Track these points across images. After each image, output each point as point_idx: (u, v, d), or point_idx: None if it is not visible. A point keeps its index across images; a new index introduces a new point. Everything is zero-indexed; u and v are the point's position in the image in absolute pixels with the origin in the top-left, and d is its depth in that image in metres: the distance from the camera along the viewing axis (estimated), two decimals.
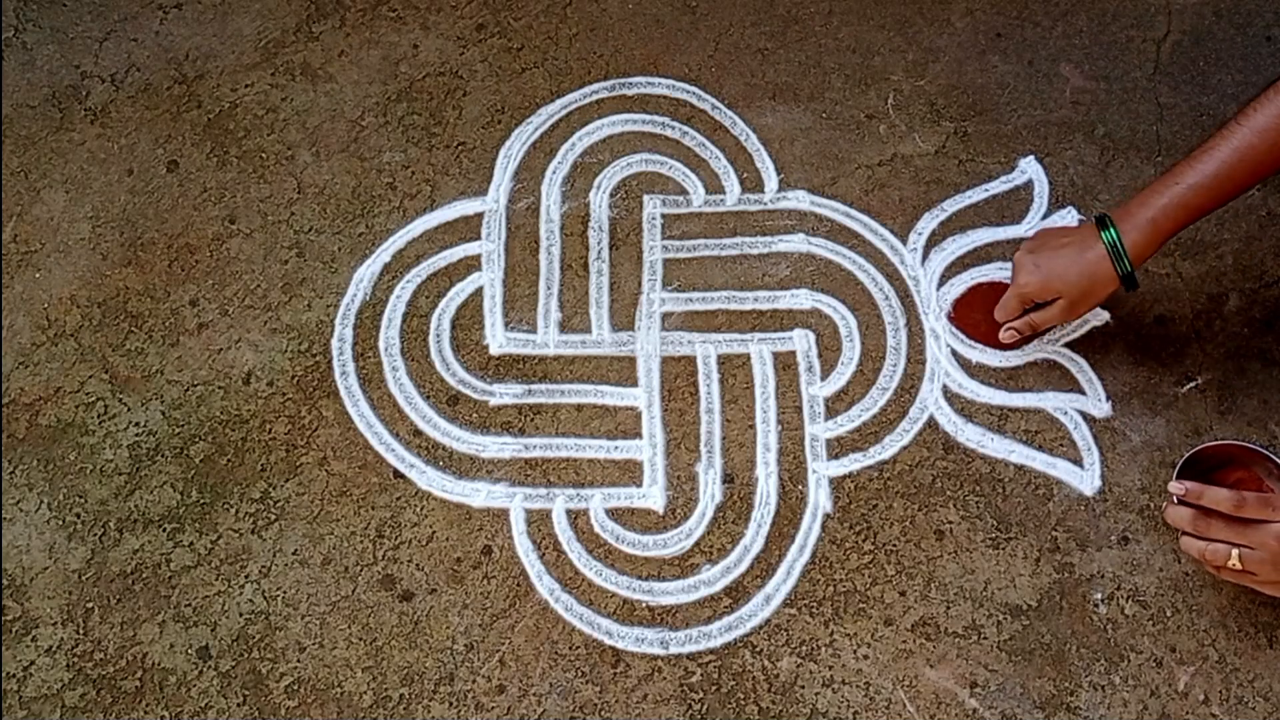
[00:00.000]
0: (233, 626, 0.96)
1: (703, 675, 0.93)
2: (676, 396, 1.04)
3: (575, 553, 0.98)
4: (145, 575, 0.99)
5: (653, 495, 1.00)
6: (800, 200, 1.13)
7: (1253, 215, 1.09)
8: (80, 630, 0.97)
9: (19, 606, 0.98)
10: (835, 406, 1.03)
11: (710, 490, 1.00)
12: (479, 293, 1.10)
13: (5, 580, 0.99)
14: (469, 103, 1.20)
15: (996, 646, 0.93)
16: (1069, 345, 1.04)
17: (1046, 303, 0.97)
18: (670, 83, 1.20)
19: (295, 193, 1.16)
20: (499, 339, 1.07)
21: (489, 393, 1.05)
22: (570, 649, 0.94)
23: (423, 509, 1.00)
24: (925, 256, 1.10)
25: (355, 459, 1.02)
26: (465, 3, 1.26)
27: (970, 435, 1.01)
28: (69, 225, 1.15)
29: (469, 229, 1.13)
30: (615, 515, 0.99)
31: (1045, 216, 1.10)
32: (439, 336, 1.08)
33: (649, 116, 1.18)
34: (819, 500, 0.99)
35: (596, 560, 0.97)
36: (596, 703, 0.92)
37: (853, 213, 1.12)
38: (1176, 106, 1.16)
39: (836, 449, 1.01)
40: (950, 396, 1.03)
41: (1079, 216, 1.09)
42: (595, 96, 1.20)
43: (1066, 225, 0.97)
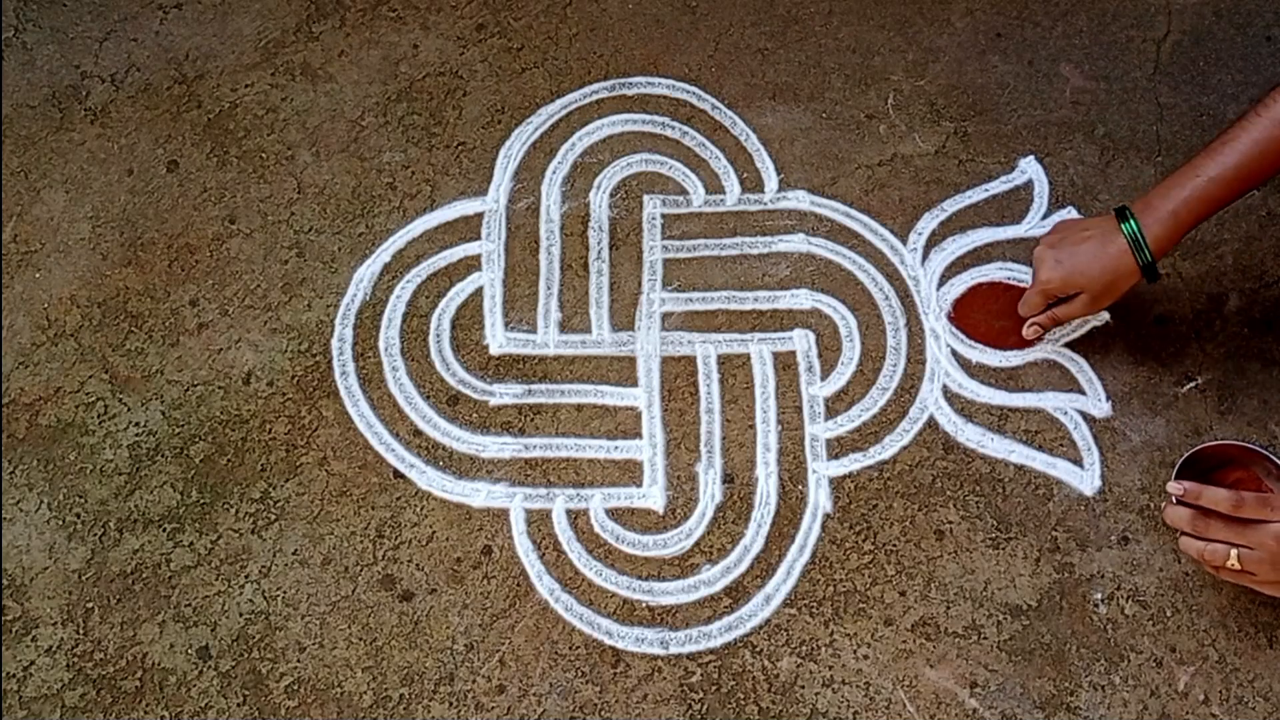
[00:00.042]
0: (233, 626, 0.96)
1: (703, 675, 0.93)
2: (676, 396, 1.04)
3: (575, 553, 0.98)
4: (145, 575, 0.99)
5: (653, 495, 1.00)
6: (800, 200, 1.13)
7: (1253, 215, 1.09)
8: (80, 630, 0.97)
9: (19, 606, 0.98)
10: (835, 406, 1.03)
11: (710, 490, 1.00)
12: (479, 293, 1.10)
13: (5, 580, 0.99)
14: (469, 103, 1.20)
15: (996, 646, 0.93)
16: (1069, 345, 1.04)
17: (1068, 297, 0.97)
18: (670, 83, 1.20)
19: (295, 193, 1.16)
20: (499, 339, 1.07)
21: (489, 393, 1.05)
22: (570, 649, 0.94)
23: (423, 509, 1.00)
24: (925, 256, 1.10)
25: (355, 459, 1.03)
26: (465, 3, 1.26)
27: (970, 435, 1.01)
28: (69, 225, 1.15)
29: (469, 229, 1.13)
30: (615, 515, 0.99)
31: (1045, 216, 1.10)
32: (439, 336, 1.08)
33: (649, 116, 1.18)
34: (819, 500, 0.99)
35: (596, 560, 0.97)
36: (596, 703, 0.92)
37: (853, 213, 1.12)
38: (1176, 106, 1.16)
39: (836, 449, 1.01)
40: (950, 396, 1.03)
41: (1079, 216, 1.09)
42: (595, 96, 1.20)
43: (1085, 218, 0.97)
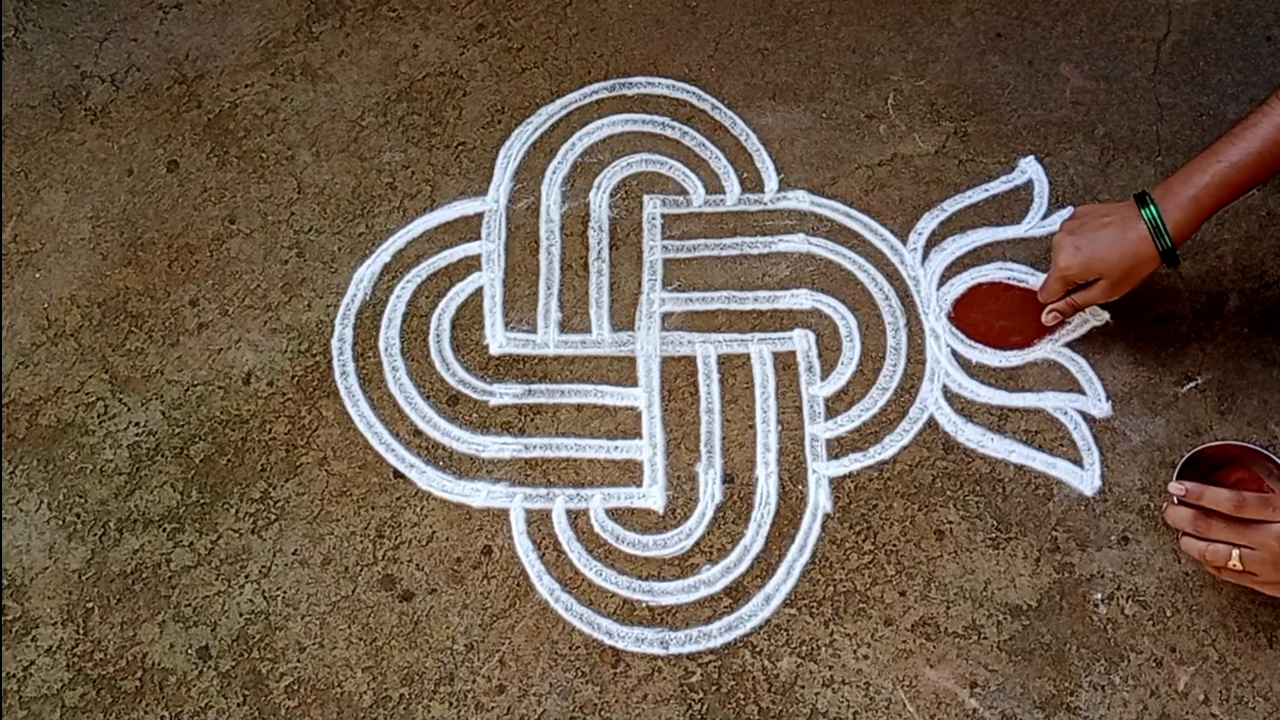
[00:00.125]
0: (233, 626, 0.96)
1: (703, 675, 0.93)
2: (676, 396, 1.04)
3: (575, 553, 0.98)
4: (145, 575, 0.99)
5: (653, 495, 1.00)
6: (800, 200, 1.13)
7: (1253, 215, 1.09)
8: (80, 630, 0.97)
9: (19, 606, 0.98)
10: (835, 406, 1.03)
11: (710, 490, 1.00)
12: (479, 293, 1.10)
13: (5, 580, 0.99)
14: (469, 103, 1.20)
15: (996, 646, 0.93)
16: (1069, 345, 1.04)
17: (1088, 283, 0.97)
18: (670, 83, 1.20)
19: (295, 193, 1.16)
20: (499, 339, 1.07)
21: (489, 393, 1.05)
22: (570, 649, 0.94)
23: (423, 509, 1.00)
24: (925, 256, 1.09)
25: (355, 459, 1.02)
26: (465, 3, 1.26)
27: (970, 435, 1.01)
28: (69, 225, 1.15)
29: (469, 229, 1.13)
30: (615, 515, 0.99)
31: (1045, 216, 1.10)
32: (439, 336, 1.08)
33: (649, 116, 1.18)
34: (819, 500, 0.99)
35: (596, 560, 0.97)
36: (596, 703, 0.92)
37: (853, 213, 1.12)
38: (1176, 106, 1.16)
39: (836, 449, 1.01)
40: (950, 396, 1.03)
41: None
42: (595, 96, 1.20)
43: (1105, 204, 0.97)
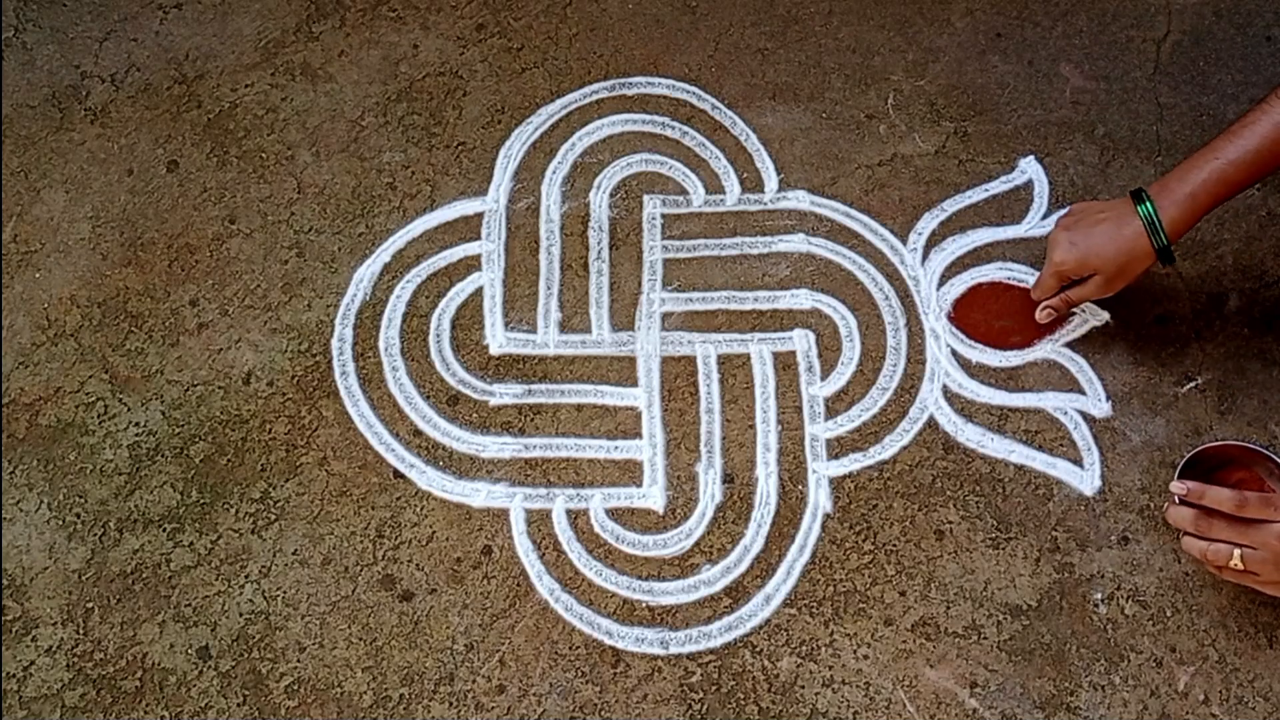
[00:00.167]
0: (233, 626, 0.96)
1: (703, 675, 0.93)
2: (676, 396, 1.04)
3: (575, 553, 0.98)
4: (145, 575, 0.99)
5: (653, 495, 1.00)
6: (800, 200, 1.13)
7: (1253, 215, 1.09)
8: (80, 630, 0.97)
9: (19, 606, 0.98)
10: (835, 406, 1.03)
11: (710, 490, 1.00)
12: (479, 293, 1.10)
13: (5, 580, 0.99)
14: (469, 103, 1.20)
15: (996, 646, 0.93)
16: (1069, 345, 1.04)
17: (1082, 279, 0.97)
18: (670, 83, 1.20)
19: (295, 193, 1.16)
20: (499, 339, 1.07)
21: (489, 393, 1.05)
22: (570, 649, 0.94)
23: (423, 509, 1.00)
24: (925, 256, 1.09)
25: (355, 459, 1.02)
26: (465, 3, 1.26)
27: (970, 435, 1.01)
28: (69, 225, 1.15)
29: (469, 229, 1.13)
30: (615, 515, 0.99)
31: (1045, 216, 1.10)
32: (439, 336, 1.08)
33: (649, 116, 1.18)
34: (819, 500, 0.99)
35: (596, 560, 0.97)
36: (596, 703, 0.92)
37: (853, 213, 1.12)
38: (1176, 106, 1.16)
39: (836, 449, 1.01)
40: (950, 396, 1.03)
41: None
42: (595, 96, 1.20)
43: (1100, 200, 0.97)
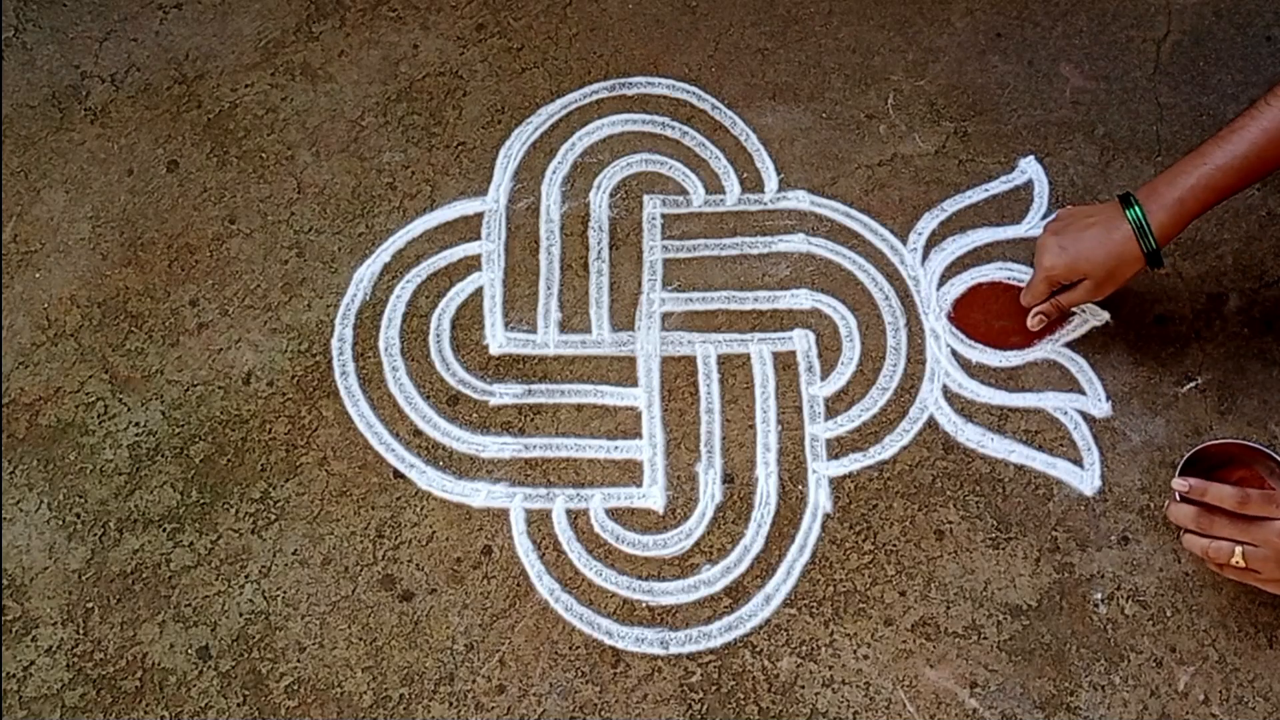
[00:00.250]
0: (233, 626, 0.96)
1: (703, 675, 0.93)
2: (676, 396, 1.04)
3: (575, 553, 0.98)
4: (145, 575, 0.99)
5: (653, 495, 1.00)
6: (800, 200, 1.13)
7: (1253, 215, 1.09)
8: (80, 630, 0.97)
9: (19, 606, 0.98)
10: (835, 406, 1.03)
11: (710, 490, 1.00)
12: (479, 293, 1.10)
13: (5, 580, 0.99)
14: (469, 103, 1.20)
15: (996, 646, 0.93)
16: (1069, 345, 1.04)
17: (1072, 284, 0.97)
18: (670, 83, 1.20)
19: (295, 193, 1.16)
20: (499, 339, 1.07)
21: (489, 393, 1.05)
22: (570, 649, 0.94)
23: (423, 509, 1.00)
24: (925, 256, 1.09)
25: (355, 459, 1.02)
26: (465, 3, 1.26)
27: (970, 435, 1.01)
28: (69, 225, 1.15)
29: (469, 229, 1.13)
30: (615, 515, 0.99)
31: (1045, 216, 1.10)
32: (439, 336, 1.08)
33: (649, 116, 1.18)
34: (819, 500, 0.99)
35: (596, 560, 0.97)
36: (596, 703, 0.92)
37: (853, 213, 1.12)
38: (1176, 106, 1.16)
39: (836, 449, 1.01)
40: (950, 396, 1.03)
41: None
42: (595, 96, 1.20)
43: (1089, 205, 0.97)
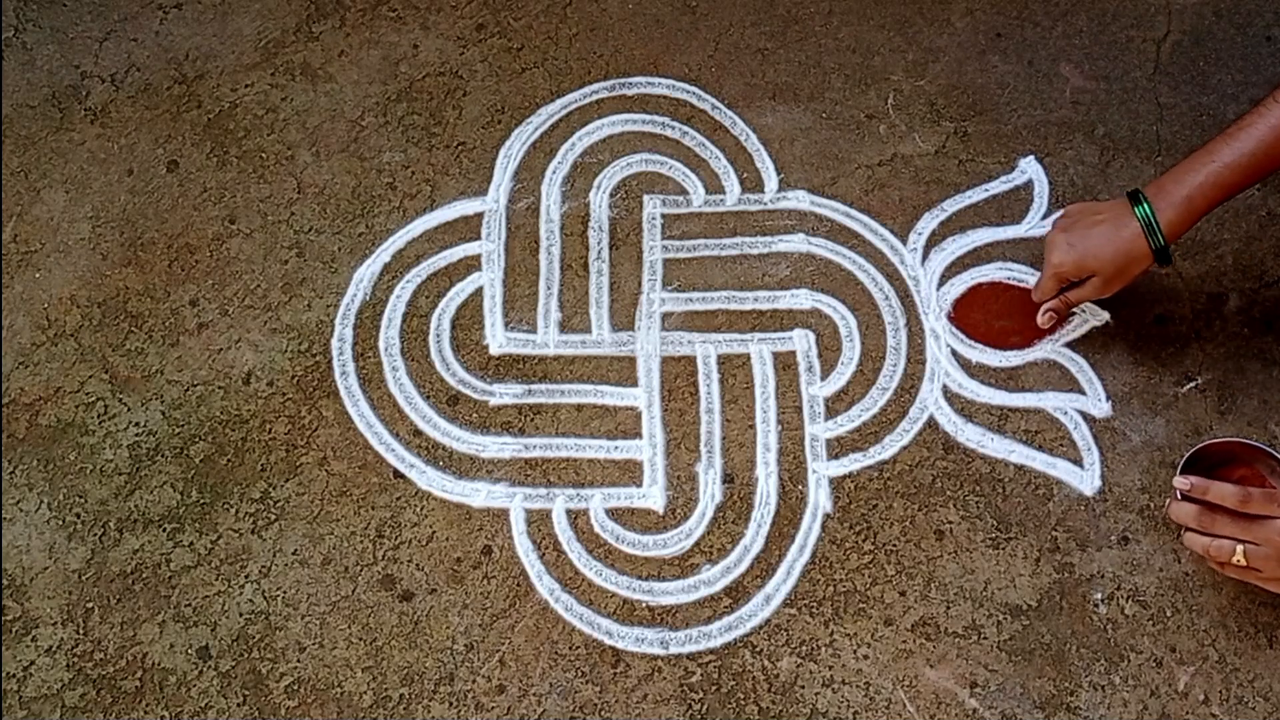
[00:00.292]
0: (233, 626, 0.96)
1: (703, 675, 0.93)
2: (676, 396, 1.04)
3: (575, 553, 0.98)
4: (145, 575, 0.99)
5: (653, 495, 1.00)
6: (800, 200, 1.13)
7: (1253, 215, 1.09)
8: (80, 630, 0.97)
9: (19, 606, 0.98)
10: (835, 406, 1.03)
11: (710, 490, 1.00)
12: (479, 293, 1.10)
13: (5, 580, 0.99)
14: (469, 103, 1.20)
15: (996, 646, 0.93)
16: (1069, 345, 1.04)
17: (1080, 281, 0.97)
18: (670, 83, 1.20)
19: (295, 193, 1.16)
20: (499, 339, 1.07)
21: (489, 393, 1.05)
22: (570, 649, 0.94)
23: (423, 509, 1.00)
24: (925, 256, 1.09)
25: (355, 459, 1.02)
26: (465, 3, 1.26)
27: (970, 435, 1.01)
28: (69, 225, 1.15)
29: (469, 229, 1.13)
30: (615, 515, 0.99)
31: (1045, 216, 1.10)
32: (439, 336, 1.08)
33: (649, 116, 1.18)
34: (819, 500, 0.99)
35: (596, 560, 0.97)
36: (596, 703, 0.92)
37: (853, 213, 1.12)
38: (1176, 106, 1.16)
39: (836, 449, 1.01)
40: (950, 396, 1.03)
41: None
42: (595, 96, 1.20)
43: (1098, 202, 0.97)
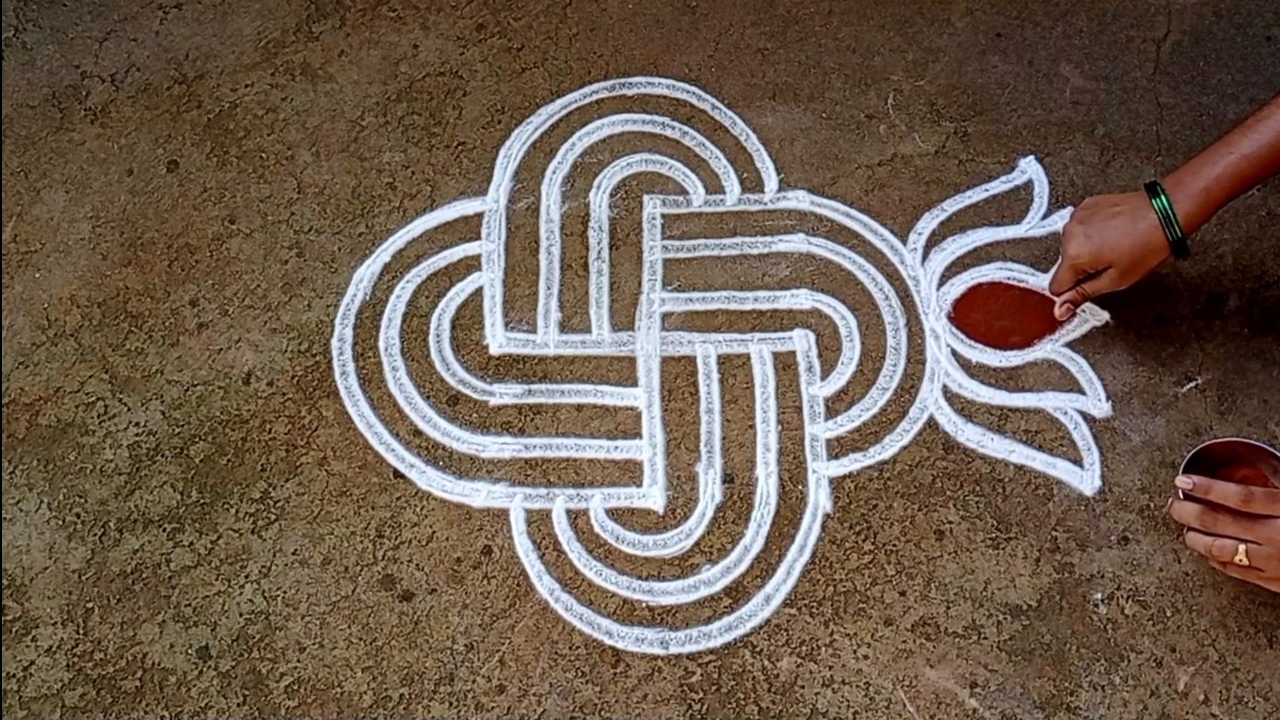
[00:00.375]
0: (233, 626, 0.96)
1: (703, 675, 0.93)
2: (676, 396, 1.04)
3: (575, 553, 0.98)
4: (145, 575, 0.99)
5: (653, 495, 1.00)
6: (800, 200, 1.13)
7: (1253, 215, 1.09)
8: (80, 630, 0.97)
9: (19, 606, 0.98)
10: (835, 406, 1.03)
11: (710, 490, 1.00)
12: (479, 293, 1.10)
13: (5, 580, 0.99)
14: (469, 103, 1.20)
15: (996, 646, 0.93)
16: (1069, 345, 1.04)
17: (1096, 272, 0.97)
18: (670, 83, 1.20)
19: (295, 193, 1.16)
20: (499, 339, 1.07)
21: (489, 393, 1.05)
22: (570, 649, 0.94)
23: (423, 509, 1.00)
24: (925, 256, 1.09)
25: (355, 459, 1.02)
26: (465, 3, 1.26)
27: (970, 435, 1.01)
28: (69, 225, 1.15)
29: (469, 229, 1.13)
30: (615, 515, 0.99)
31: (1045, 216, 1.10)
32: (439, 336, 1.08)
33: (649, 116, 1.18)
34: (819, 500, 0.99)
35: (596, 560, 0.97)
36: (596, 703, 0.92)
37: (853, 213, 1.12)
38: (1176, 106, 1.16)
39: (836, 449, 1.01)
40: (950, 396, 1.03)
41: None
42: (595, 96, 1.20)
43: (1115, 194, 0.97)
